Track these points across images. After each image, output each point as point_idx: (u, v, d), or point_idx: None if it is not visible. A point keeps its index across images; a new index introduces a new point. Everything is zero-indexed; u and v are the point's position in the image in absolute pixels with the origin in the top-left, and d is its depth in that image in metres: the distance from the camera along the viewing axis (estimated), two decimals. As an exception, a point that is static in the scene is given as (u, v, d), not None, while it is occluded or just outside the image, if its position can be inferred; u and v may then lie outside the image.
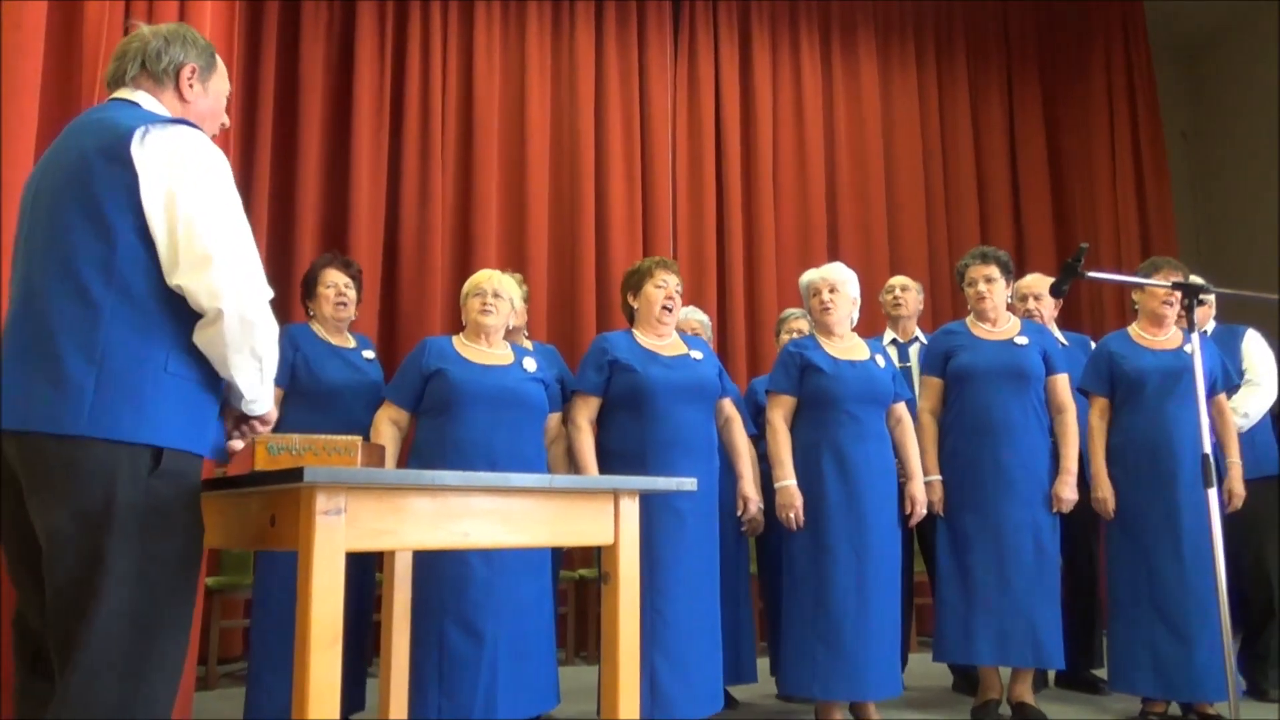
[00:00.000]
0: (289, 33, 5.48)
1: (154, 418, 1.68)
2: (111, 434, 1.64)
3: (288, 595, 2.87)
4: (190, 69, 1.95)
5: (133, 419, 1.66)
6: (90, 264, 1.68)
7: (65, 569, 1.63)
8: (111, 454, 1.64)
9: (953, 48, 7.06)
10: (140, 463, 1.66)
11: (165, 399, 1.70)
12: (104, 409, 1.64)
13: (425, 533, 1.78)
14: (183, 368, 1.73)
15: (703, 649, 3.19)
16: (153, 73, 1.92)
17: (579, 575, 5.01)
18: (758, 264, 6.17)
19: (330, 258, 3.58)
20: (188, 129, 1.80)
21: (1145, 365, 3.59)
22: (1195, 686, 3.39)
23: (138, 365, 1.68)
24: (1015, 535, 3.47)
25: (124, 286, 1.69)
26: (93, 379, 1.64)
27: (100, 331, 1.66)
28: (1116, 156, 7.00)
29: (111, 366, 1.66)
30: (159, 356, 1.70)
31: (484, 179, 5.65)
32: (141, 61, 1.92)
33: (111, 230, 1.69)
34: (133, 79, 1.92)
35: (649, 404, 3.25)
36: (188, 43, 1.96)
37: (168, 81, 1.93)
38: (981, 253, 3.77)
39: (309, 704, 1.56)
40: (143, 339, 1.69)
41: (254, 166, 5.18)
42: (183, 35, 1.97)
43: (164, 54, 1.93)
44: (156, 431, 1.68)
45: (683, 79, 6.26)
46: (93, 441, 1.63)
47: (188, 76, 1.95)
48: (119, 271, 1.69)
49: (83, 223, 1.70)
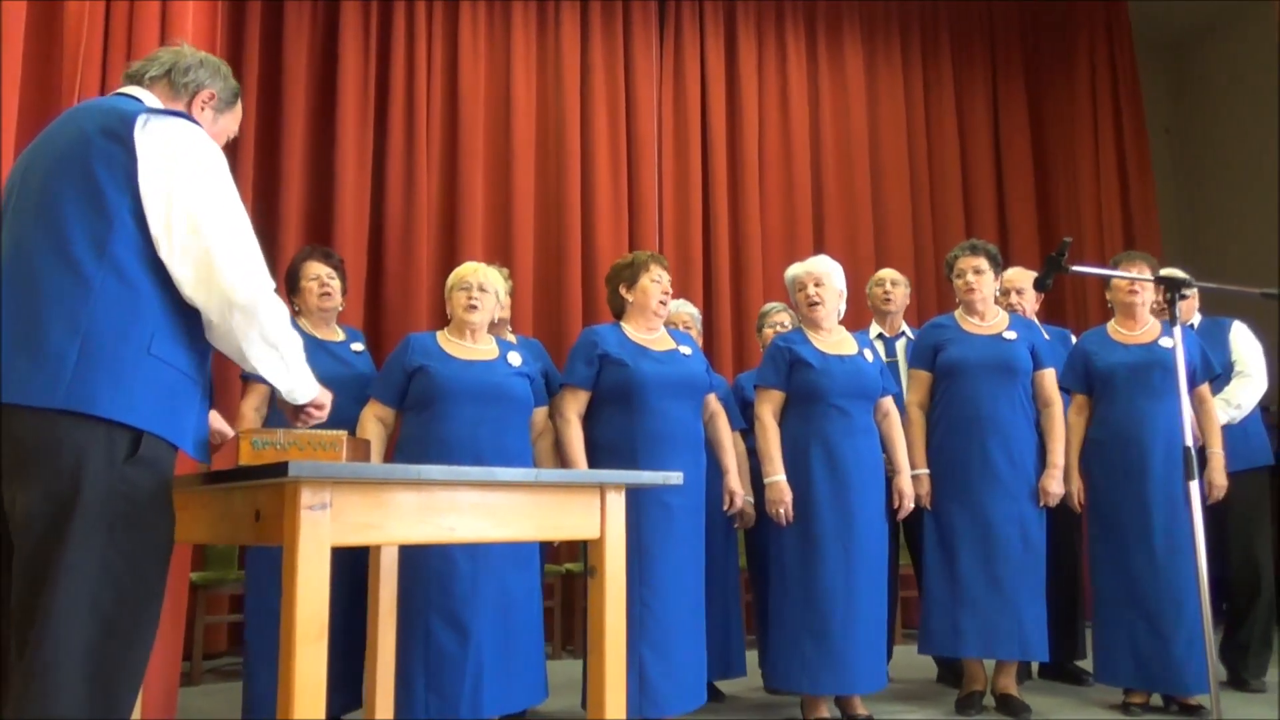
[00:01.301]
0: (272, 27, 5.44)
1: (133, 397, 1.66)
2: (89, 408, 1.62)
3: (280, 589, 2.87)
4: (210, 94, 1.99)
5: (110, 395, 1.64)
6: (83, 238, 1.68)
7: (28, 555, 1.61)
8: (88, 432, 1.63)
9: (938, 43, 7.08)
10: (117, 446, 1.65)
11: (144, 380, 1.69)
12: (83, 383, 1.62)
13: (410, 527, 1.77)
14: (166, 352, 1.72)
15: (689, 643, 3.20)
16: (174, 82, 1.95)
17: (565, 569, 5.01)
18: (743, 258, 6.18)
19: (310, 250, 3.56)
20: (188, 122, 1.81)
21: (1115, 361, 3.63)
22: (1172, 679, 3.43)
23: (121, 343, 1.67)
24: (1002, 528, 3.50)
25: (115, 264, 1.68)
26: (75, 352, 1.63)
27: (88, 305, 1.65)
28: (1100, 151, 7.04)
29: (95, 341, 1.65)
30: (143, 337, 1.69)
31: (469, 173, 5.64)
32: (168, 69, 1.95)
33: (108, 208, 1.69)
34: (150, 79, 1.94)
35: (639, 399, 3.25)
36: (219, 75, 2.01)
37: (184, 95, 1.96)
38: (971, 245, 3.79)
39: (294, 699, 1.55)
40: (129, 317, 1.68)
41: (238, 161, 5.14)
42: (218, 66, 2.02)
43: (193, 71, 1.97)
44: (134, 411, 1.66)
45: (668, 73, 6.25)
46: (70, 417, 1.61)
47: (205, 99, 1.98)
48: (112, 249, 1.68)
49: (78, 197, 1.70)
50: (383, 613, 2.61)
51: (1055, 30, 7.39)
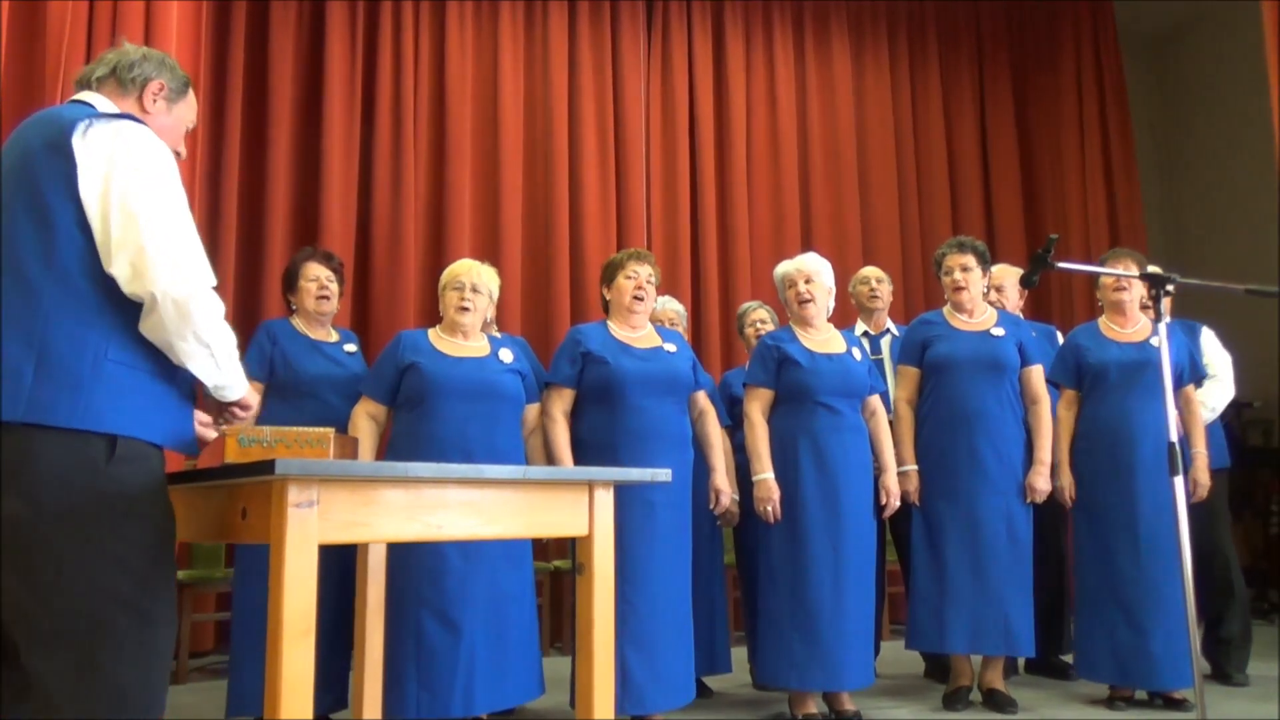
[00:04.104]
0: (257, 26, 5.42)
1: (94, 405, 1.66)
2: (49, 420, 1.63)
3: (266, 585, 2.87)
4: (159, 85, 1.98)
5: (69, 406, 1.64)
6: (31, 253, 1.68)
7: (19, 560, 1.62)
8: (61, 443, 1.63)
9: (925, 42, 7.10)
10: (95, 450, 1.66)
11: (107, 387, 1.69)
12: (41, 395, 1.63)
13: (398, 525, 1.77)
14: (127, 355, 1.72)
15: (674, 640, 3.21)
16: (120, 79, 1.94)
17: (554, 566, 5.01)
18: (732, 255, 6.19)
19: (311, 251, 3.56)
20: (131, 123, 1.80)
21: (1109, 357, 3.65)
22: (1151, 675, 3.46)
23: (77, 353, 1.67)
24: (989, 524, 3.51)
25: (64, 274, 1.68)
26: (31, 365, 1.64)
27: (40, 319, 1.66)
28: (1086, 148, 7.09)
29: (51, 353, 1.65)
30: (100, 344, 1.69)
31: (457, 171, 5.63)
32: (113, 68, 1.94)
33: (52, 220, 1.69)
34: (98, 80, 1.94)
35: (620, 396, 3.26)
36: (164, 66, 2.00)
37: (133, 90, 1.95)
38: (959, 242, 3.80)
39: (281, 697, 1.55)
40: (83, 326, 1.68)
41: (223, 160, 5.13)
42: (161, 59, 2.01)
43: (137, 66, 1.96)
44: (99, 419, 1.67)
45: (656, 70, 6.25)
46: (36, 429, 1.62)
47: (155, 90, 1.97)
48: (59, 260, 1.68)
49: (25, 213, 1.70)
50: (370, 611, 2.60)
51: (1041, 29, 7.43)
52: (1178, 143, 7.95)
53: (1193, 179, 7.79)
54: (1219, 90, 7.50)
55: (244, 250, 5.21)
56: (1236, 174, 7.24)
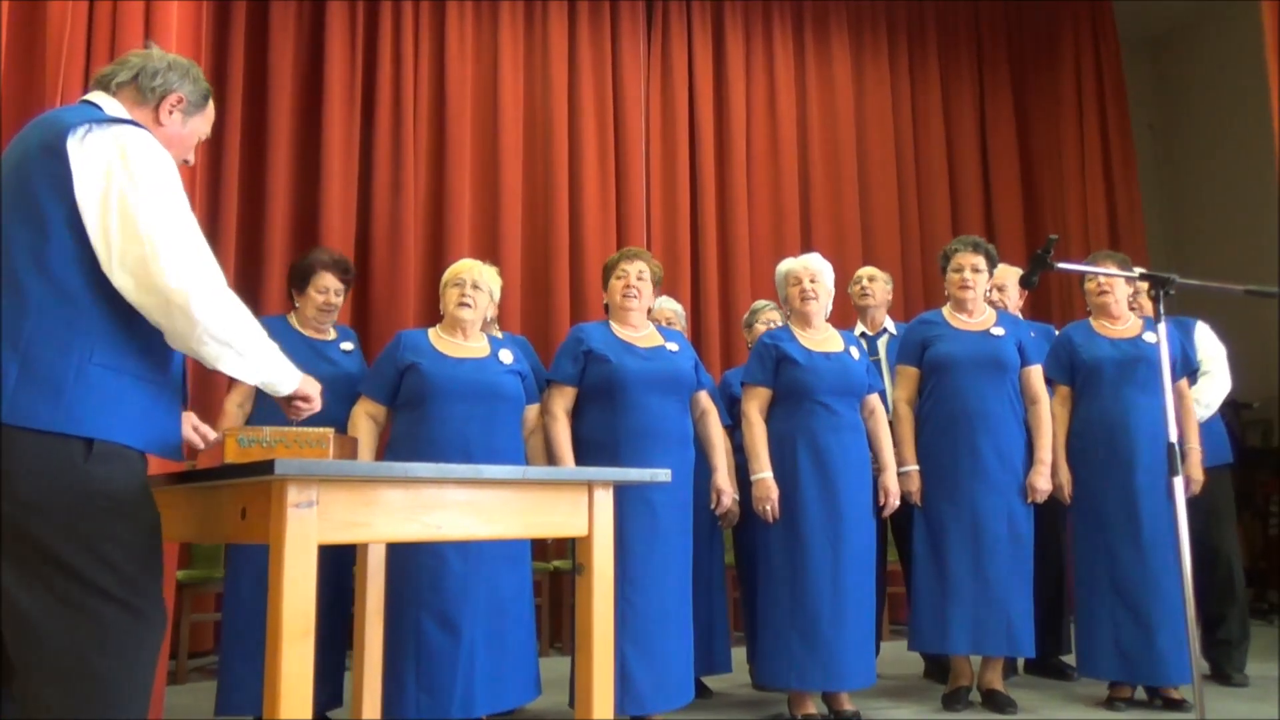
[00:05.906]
0: (258, 26, 5.42)
1: (76, 410, 1.66)
2: (30, 423, 1.62)
3: (262, 585, 2.86)
4: (178, 97, 1.95)
5: (51, 410, 1.64)
6: (22, 254, 1.67)
7: (4, 556, 1.62)
8: (37, 442, 1.63)
9: (924, 42, 7.10)
10: (74, 452, 1.65)
11: (90, 391, 1.68)
12: (23, 398, 1.63)
13: (398, 525, 1.77)
14: (114, 359, 1.71)
15: (673, 640, 3.21)
16: (141, 88, 1.91)
17: (553, 566, 5.01)
18: (731, 256, 6.18)
19: (329, 260, 3.48)
20: (131, 127, 1.78)
21: (1102, 354, 3.66)
22: (1157, 670, 3.46)
23: (62, 356, 1.66)
24: (991, 524, 3.51)
25: (53, 278, 1.67)
26: (15, 367, 1.63)
27: (27, 320, 1.65)
28: (1085, 149, 7.09)
29: (35, 356, 1.64)
30: (85, 347, 1.68)
31: (457, 170, 5.62)
32: (135, 73, 1.92)
33: (45, 222, 1.68)
34: (117, 84, 1.91)
35: (621, 394, 3.26)
36: (189, 77, 1.98)
37: (151, 100, 1.92)
38: (973, 242, 3.79)
39: (280, 697, 1.55)
40: (70, 330, 1.68)
41: (223, 160, 5.13)
42: (187, 68, 1.99)
43: (160, 75, 1.93)
44: (80, 423, 1.66)
45: (656, 70, 6.25)
46: (17, 431, 1.62)
47: (173, 103, 1.95)
48: (49, 263, 1.67)
49: (18, 214, 1.69)
50: (370, 611, 2.59)
51: (1041, 29, 7.42)
52: (1178, 143, 7.95)
53: (1193, 179, 7.79)
54: (1219, 90, 7.50)
55: (244, 250, 5.21)
56: (1236, 174, 7.24)
